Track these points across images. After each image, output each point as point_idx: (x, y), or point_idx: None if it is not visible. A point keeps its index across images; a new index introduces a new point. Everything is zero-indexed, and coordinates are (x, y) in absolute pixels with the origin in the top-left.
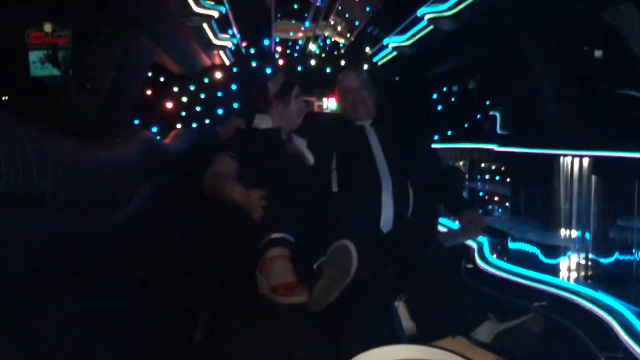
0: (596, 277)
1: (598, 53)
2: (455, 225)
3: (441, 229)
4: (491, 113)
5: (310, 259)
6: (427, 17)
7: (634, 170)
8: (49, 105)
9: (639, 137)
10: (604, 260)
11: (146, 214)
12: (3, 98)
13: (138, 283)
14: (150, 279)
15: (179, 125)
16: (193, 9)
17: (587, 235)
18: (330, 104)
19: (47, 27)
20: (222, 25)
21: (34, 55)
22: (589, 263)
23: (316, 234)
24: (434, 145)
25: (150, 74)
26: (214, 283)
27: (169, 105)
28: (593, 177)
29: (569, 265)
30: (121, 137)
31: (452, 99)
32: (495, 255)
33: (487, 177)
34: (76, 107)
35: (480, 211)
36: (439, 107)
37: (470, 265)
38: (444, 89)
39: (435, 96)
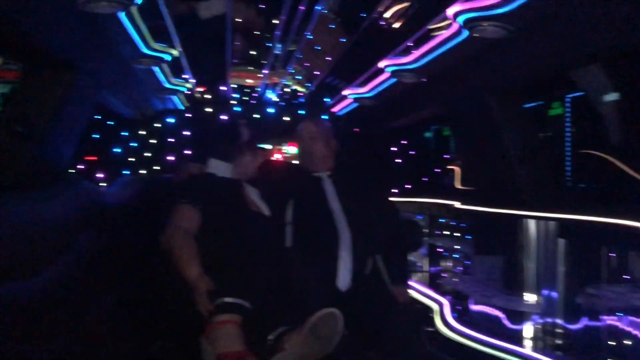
0: (564, 345)
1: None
2: None
3: None
4: (449, 167)
5: (260, 325)
6: (388, 69)
7: (600, 236)
8: None
9: (605, 200)
10: (572, 327)
11: (76, 274)
12: None
13: (63, 351)
14: (77, 347)
15: (127, 172)
16: (142, 51)
17: (554, 301)
18: (290, 149)
19: None
20: (175, 69)
21: None
22: (557, 330)
23: (268, 296)
24: (392, 199)
25: (97, 117)
26: (150, 350)
27: (117, 150)
28: (560, 241)
29: (535, 332)
30: (55, 187)
31: (412, 152)
32: (455, 317)
33: (446, 232)
34: (4, 152)
35: (440, 268)
36: (399, 160)
37: (430, 329)
38: (405, 142)
39: (395, 148)
